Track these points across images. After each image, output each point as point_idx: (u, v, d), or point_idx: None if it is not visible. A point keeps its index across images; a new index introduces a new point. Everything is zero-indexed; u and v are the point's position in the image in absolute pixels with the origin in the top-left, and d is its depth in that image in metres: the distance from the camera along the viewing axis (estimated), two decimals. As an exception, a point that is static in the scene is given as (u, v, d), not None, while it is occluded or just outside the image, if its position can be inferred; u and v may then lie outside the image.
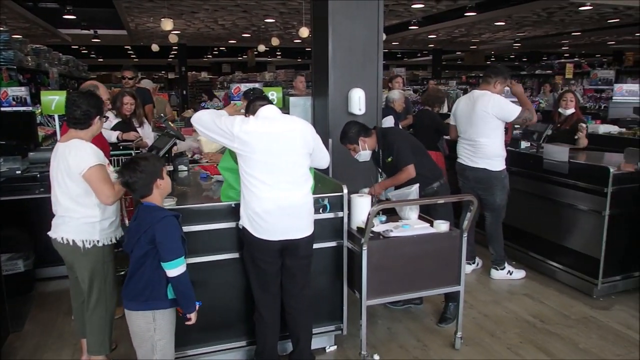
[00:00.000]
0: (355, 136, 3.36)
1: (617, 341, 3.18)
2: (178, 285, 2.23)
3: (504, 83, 3.95)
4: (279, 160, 2.53)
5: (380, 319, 3.49)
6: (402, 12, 13.46)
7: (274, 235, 2.54)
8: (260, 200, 2.51)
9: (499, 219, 4.07)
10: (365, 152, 3.40)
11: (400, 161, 3.35)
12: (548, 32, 17.83)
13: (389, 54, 27.20)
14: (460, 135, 4.13)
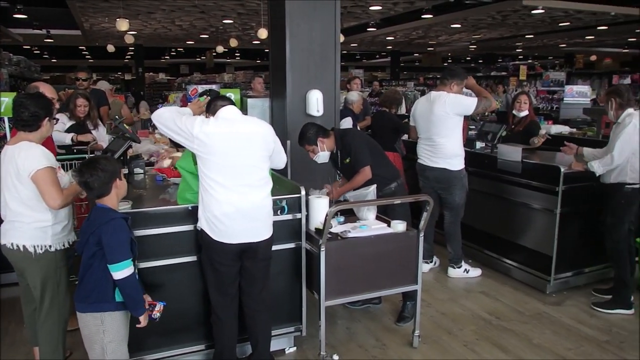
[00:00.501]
0: (314, 137, 3.34)
1: (568, 335, 3.28)
2: (124, 288, 2.21)
3: (461, 84, 4.00)
4: (238, 162, 2.49)
5: (339, 319, 3.49)
6: (360, 14, 13.57)
7: (232, 238, 2.51)
8: (219, 203, 2.47)
9: (457, 218, 4.14)
10: (324, 154, 3.39)
11: (358, 162, 3.36)
12: (503, 35, 18.35)
13: (348, 55, 27.39)
14: (420, 136, 4.18)
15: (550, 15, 13.63)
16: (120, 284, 2.19)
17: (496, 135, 4.50)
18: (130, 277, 2.19)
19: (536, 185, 3.92)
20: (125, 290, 2.21)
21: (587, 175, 3.61)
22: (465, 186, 4.08)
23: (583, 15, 13.20)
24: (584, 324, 3.43)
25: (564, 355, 3.05)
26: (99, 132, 4.51)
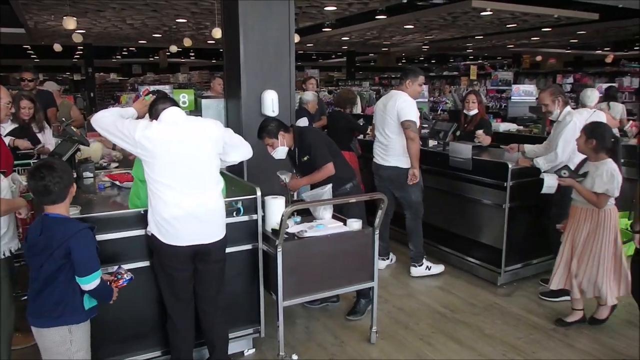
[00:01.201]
0: (275, 130, 3.36)
1: (518, 325, 3.42)
2: (97, 296, 2.18)
3: (416, 80, 4.06)
4: (185, 165, 2.44)
5: (298, 318, 3.50)
6: (316, 14, 13.61)
7: (182, 240, 2.46)
8: (167, 206, 2.42)
9: (417, 215, 4.19)
10: (283, 149, 3.40)
11: (319, 159, 3.39)
12: (454, 36, 18.82)
13: (304, 55, 27.42)
14: (376, 133, 4.25)
15: (498, 17, 14.09)
16: (91, 293, 2.15)
17: (447, 133, 4.63)
18: (100, 285, 2.15)
19: (486, 182, 4.06)
20: (98, 295, 2.19)
21: (532, 171, 3.77)
22: (420, 184, 4.15)
23: (529, 17, 13.72)
24: (532, 313, 3.58)
25: (515, 344, 3.18)
26: (45, 135, 4.32)
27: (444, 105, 9.43)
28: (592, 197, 3.10)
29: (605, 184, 3.04)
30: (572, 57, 25.62)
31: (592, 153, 3.14)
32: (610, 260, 3.17)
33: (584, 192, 3.12)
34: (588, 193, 3.10)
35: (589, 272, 3.20)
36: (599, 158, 3.12)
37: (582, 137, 3.15)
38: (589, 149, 3.14)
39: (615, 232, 3.18)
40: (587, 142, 3.12)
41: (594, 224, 3.17)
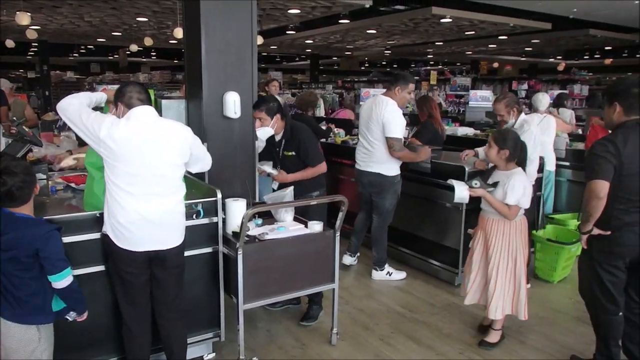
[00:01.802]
0: (275, 110, 3.40)
1: (474, 323, 3.52)
2: (70, 294, 2.17)
3: (406, 88, 4.03)
4: (148, 172, 2.35)
5: (259, 321, 3.49)
6: (279, 16, 13.60)
7: (138, 246, 2.39)
8: (124, 211, 2.34)
9: (385, 222, 4.22)
10: (269, 131, 3.42)
11: (311, 158, 3.44)
12: (415, 41, 19.19)
13: (268, 57, 27.34)
14: (359, 139, 4.25)
15: (458, 25, 14.46)
16: (64, 291, 2.13)
17: (407, 136, 4.72)
18: (73, 284, 2.15)
19: (444, 184, 4.15)
20: (71, 295, 2.18)
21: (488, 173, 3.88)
22: (397, 192, 4.17)
23: (486, 25, 14.14)
24: (488, 312, 3.69)
25: (471, 342, 3.26)
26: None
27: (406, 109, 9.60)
28: (503, 209, 3.01)
29: (517, 196, 2.97)
30: (527, 64, 26.56)
31: (504, 162, 3.06)
32: (510, 275, 3.08)
33: (495, 204, 3.03)
34: (499, 204, 3.01)
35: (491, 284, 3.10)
36: (509, 167, 3.06)
37: (494, 147, 3.05)
38: (501, 159, 3.06)
39: (523, 245, 3.10)
40: (500, 151, 3.04)
41: (501, 235, 3.08)
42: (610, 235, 2.66)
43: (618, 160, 2.57)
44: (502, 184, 3.03)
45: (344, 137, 5.68)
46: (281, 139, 3.46)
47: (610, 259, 2.70)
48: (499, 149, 3.03)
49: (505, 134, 3.10)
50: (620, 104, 2.68)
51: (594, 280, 2.78)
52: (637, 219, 2.62)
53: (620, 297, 2.76)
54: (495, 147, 3.05)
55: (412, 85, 4.10)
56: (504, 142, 3.03)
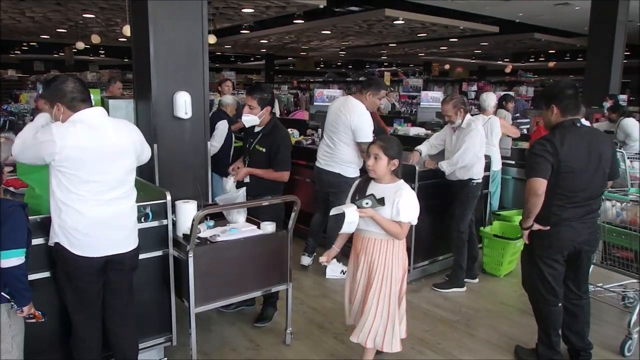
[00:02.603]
0: (267, 101, 3.39)
1: (425, 319, 3.61)
2: (11, 278, 2.09)
3: (377, 94, 4.08)
4: (104, 178, 2.28)
5: (213, 324, 3.46)
6: (233, 15, 13.46)
7: (98, 251, 2.32)
8: (83, 217, 2.25)
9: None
10: (254, 119, 3.42)
11: (282, 162, 3.42)
12: (369, 43, 19.45)
13: (222, 57, 27.05)
14: (324, 137, 4.26)
15: (410, 27, 14.77)
16: (8, 272, 2.05)
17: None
18: (21, 266, 2.08)
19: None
20: (10, 281, 2.09)
21: (437, 174, 4.00)
22: None
23: (437, 27, 14.52)
24: (438, 307, 3.80)
25: (422, 336, 3.35)
26: None
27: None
28: (395, 228, 2.60)
29: (413, 212, 2.65)
30: (476, 66, 27.43)
31: (391, 175, 2.68)
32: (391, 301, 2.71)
33: (385, 224, 2.59)
34: (391, 224, 2.59)
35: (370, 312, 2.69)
36: (394, 180, 2.70)
37: (384, 158, 2.62)
38: (390, 171, 2.67)
39: (404, 266, 2.78)
40: (390, 162, 2.63)
41: (384, 256, 2.68)
42: (549, 230, 2.80)
43: (556, 159, 2.70)
44: (390, 199, 2.59)
45: (298, 137, 5.69)
46: (259, 131, 3.44)
47: (550, 252, 2.84)
48: (389, 159, 2.63)
49: (391, 142, 2.69)
50: (557, 106, 2.82)
51: (535, 274, 2.91)
52: (574, 215, 2.77)
53: (560, 288, 2.91)
54: (385, 157, 2.62)
55: (383, 92, 4.19)
56: (393, 151, 2.64)
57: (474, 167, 3.95)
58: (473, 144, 3.86)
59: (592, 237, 2.89)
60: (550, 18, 14.57)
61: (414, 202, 2.67)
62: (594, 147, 2.76)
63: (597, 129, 3.26)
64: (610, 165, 2.84)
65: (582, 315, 2.98)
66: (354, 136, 3.96)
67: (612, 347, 3.22)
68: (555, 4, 12.31)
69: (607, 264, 3.40)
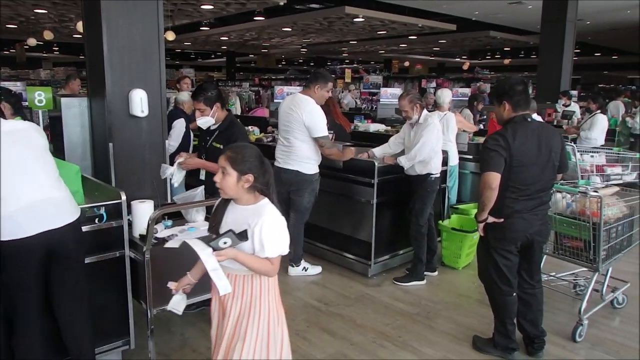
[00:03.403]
0: (214, 99, 3.32)
1: (386, 313, 3.66)
2: None
3: (325, 87, 4.06)
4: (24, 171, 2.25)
5: (173, 325, 3.40)
6: (192, 12, 13.24)
7: (30, 228, 2.18)
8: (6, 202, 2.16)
9: (302, 220, 4.24)
10: (210, 120, 3.36)
11: None
12: (330, 40, 19.51)
13: (182, 54, 26.58)
14: (279, 135, 4.23)
15: (370, 24, 14.90)
16: None
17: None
18: None
19: (356, 179, 4.28)
20: None
21: (396, 169, 4.06)
22: (315, 191, 4.20)
23: (396, 25, 14.70)
24: (399, 300, 3.86)
25: (383, 330, 3.39)
26: None
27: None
28: (265, 266, 2.03)
29: (283, 243, 2.08)
30: (435, 63, 27.96)
31: (249, 194, 2.06)
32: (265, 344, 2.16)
33: (252, 264, 2.01)
34: (258, 262, 2.01)
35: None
36: (256, 200, 2.08)
37: (232, 174, 2.01)
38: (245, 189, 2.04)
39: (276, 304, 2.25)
40: (241, 178, 2.01)
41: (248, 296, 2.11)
42: (503, 222, 2.88)
43: (508, 153, 2.78)
44: (249, 227, 1.99)
45: (259, 134, 5.66)
46: (216, 129, 3.40)
47: (504, 244, 2.93)
48: (239, 175, 2.01)
49: (243, 153, 2.04)
50: (509, 102, 2.90)
51: (490, 265, 3.00)
52: (526, 207, 2.86)
53: (514, 278, 3.00)
54: (234, 172, 2.01)
55: (330, 84, 4.17)
56: (245, 164, 2.01)
57: (432, 162, 4.03)
58: (430, 139, 3.93)
59: (544, 228, 3.00)
60: (505, 16, 15.00)
61: (279, 229, 2.06)
62: (544, 142, 2.86)
63: (547, 124, 3.37)
64: (559, 159, 2.95)
65: (535, 304, 3.09)
66: (308, 132, 3.97)
67: (565, 333, 3.35)
68: (509, 2, 12.67)
69: (558, 253, 3.53)
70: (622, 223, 3.42)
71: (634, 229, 3.57)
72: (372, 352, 3.12)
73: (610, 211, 3.32)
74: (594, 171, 5.06)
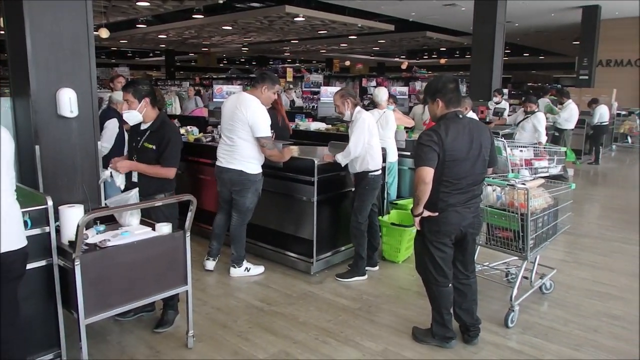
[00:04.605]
0: (143, 94, 3.23)
1: (329, 309, 3.69)
2: None
3: (272, 89, 4.04)
4: None
5: (109, 334, 3.27)
6: (127, 8, 12.81)
7: None
8: None
9: (244, 221, 4.18)
10: (137, 115, 3.28)
11: (170, 157, 3.28)
12: (271, 39, 19.44)
13: (118, 52, 25.62)
14: (222, 134, 4.14)
15: (310, 24, 14.97)
16: None
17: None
18: None
19: (297, 178, 4.29)
20: None
21: (335, 167, 4.10)
22: (259, 191, 4.15)
23: (336, 25, 14.86)
24: (341, 296, 3.90)
25: (325, 327, 3.42)
26: None
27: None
28: None
29: None
30: (375, 63, 28.51)
31: None
32: None
33: None
34: None
35: None
36: None
37: None
38: None
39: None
40: None
41: None
42: (438, 216, 2.98)
43: (441, 148, 2.88)
44: None
45: (198, 134, 5.54)
46: (147, 128, 3.28)
47: (439, 237, 3.02)
48: None
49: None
50: (442, 99, 3.00)
51: (426, 257, 3.09)
52: (459, 200, 2.97)
53: (449, 270, 3.11)
54: None
55: (278, 86, 4.17)
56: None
57: (369, 159, 4.09)
58: (361, 133, 4.00)
59: (476, 221, 3.12)
60: (440, 18, 15.52)
61: None
62: (475, 137, 2.98)
63: (477, 120, 3.50)
64: (489, 153, 3.08)
65: (470, 293, 3.21)
66: (252, 132, 3.93)
67: (498, 320, 3.50)
68: (443, 4, 13.12)
69: (491, 244, 3.69)
70: (548, 213, 3.62)
71: (558, 218, 3.78)
72: (314, 349, 3.14)
73: (536, 202, 3.50)
74: (523, 165, 5.34)
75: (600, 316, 3.62)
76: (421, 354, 3.10)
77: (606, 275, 4.41)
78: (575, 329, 3.42)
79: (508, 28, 11.61)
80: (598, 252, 5.05)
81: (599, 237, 5.56)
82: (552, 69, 32.43)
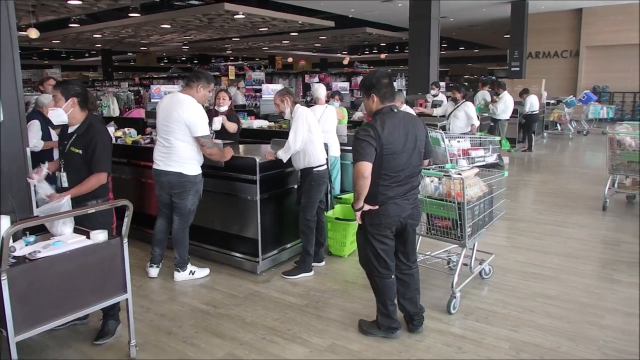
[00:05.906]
0: (71, 92, 3.12)
1: (276, 307, 3.68)
2: None
3: (208, 87, 3.96)
4: None
5: (44, 350, 3.12)
6: (58, 7, 12.22)
7: None
8: None
9: (186, 223, 4.09)
10: (63, 115, 3.13)
11: (99, 161, 3.15)
12: (212, 37, 19.11)
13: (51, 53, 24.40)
14: (158, 136, 4.01)
15: (251, 21, 14.83)
16: None
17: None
18: None
19: (238, 177, 4.24)
20: None
21: (277, 164, 4.09)
22: (199, 192, 4.07)
23: (277, 22, 14.80)
24: (288, 294, 3.90)
25: (273, 325, 3.41)
26: None
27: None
28: None
29: None
30: (318, 59, 28.63)
31: None
32: None
33: None
34: None
35: None
36: None
37: None
38: None
39: None
40: None
41: None
42: (378, 209, 3.03)
43: (378, 143, 2.92)
44: None
45: (136, 136, 5.37)
46: (74, 132, 3.13)
47: (380, 229, 3.07)
48: None
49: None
50: (377, 95, 3.05)
51: (369, 250, 3.13)
52: (398, 192, 3.03)
53: (392, 262, 3.17)
54: None
55: (212, 85, 4.11)
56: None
57: (310, 154, 4.10)
58: (300, 127, 4.03)
59: (415, 212, 3.19)
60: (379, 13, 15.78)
61: None
62: (410, 130, 3.05)
63: (412, 114, 3.57)
64: (425, 146, 3.16)
65: (413, 283, 3.29)
66: (190, 131, 3.85)
67: (441, 307, 3.61)
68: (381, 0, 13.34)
69: (431, 234, 3.80)
70: (483, 201, 3.77)
71: (493, 205, 3.94)
72: (262, 349, 3.12)
73: (472, 191, 3.63)
74: (460, 155, 5.53)
75: (535, 297, 3.80)
76: (368, 346, 3.15)
77: (540, 257, 4.63)
78: (513, 311, 3.58)
79: (443, 23, 11.99)
80: (533, 235, 5.30)
81: (533, 220, 5.85)
82: (487, 62, 33.74)
